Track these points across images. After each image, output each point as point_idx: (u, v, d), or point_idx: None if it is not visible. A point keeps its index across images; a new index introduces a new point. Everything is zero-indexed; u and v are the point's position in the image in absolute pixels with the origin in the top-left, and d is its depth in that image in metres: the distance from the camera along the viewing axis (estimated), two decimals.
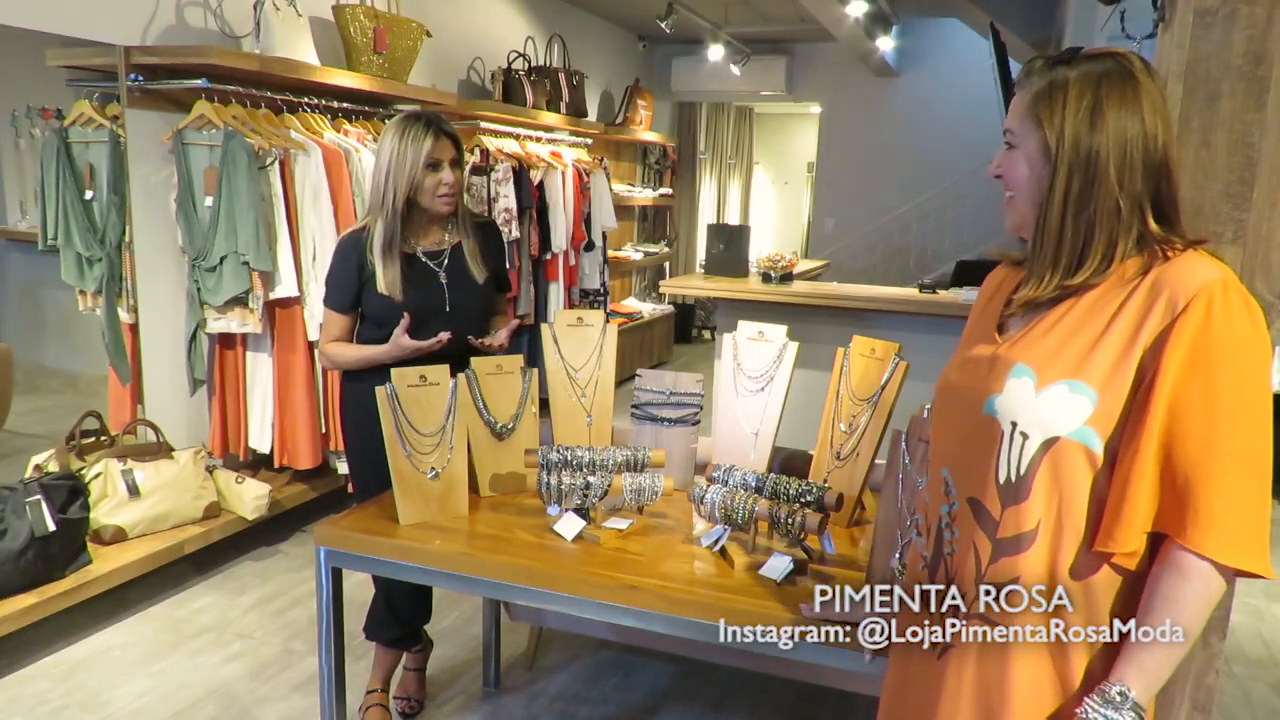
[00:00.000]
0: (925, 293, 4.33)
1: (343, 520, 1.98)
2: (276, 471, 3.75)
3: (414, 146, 2.17)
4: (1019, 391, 1.12)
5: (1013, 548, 1.12)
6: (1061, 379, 1.09)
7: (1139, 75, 1.11)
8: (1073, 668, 1.10)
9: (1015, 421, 1.11)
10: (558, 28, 6.30)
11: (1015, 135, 1.18)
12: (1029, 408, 1.10)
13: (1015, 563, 1.11)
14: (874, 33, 6.75)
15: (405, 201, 2.21)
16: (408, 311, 2.22)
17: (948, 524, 1.20)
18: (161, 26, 3.39)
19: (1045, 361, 1.12)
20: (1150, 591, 1.08)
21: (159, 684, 2.68)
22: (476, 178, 4.72)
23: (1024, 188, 1.18)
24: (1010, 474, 1.11)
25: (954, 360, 1.29)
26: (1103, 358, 1.08)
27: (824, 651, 1.56)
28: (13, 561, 2.67)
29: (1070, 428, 1.08)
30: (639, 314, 7.11)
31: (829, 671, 2.21)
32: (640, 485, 1.96)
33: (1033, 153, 1.15)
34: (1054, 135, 1.12)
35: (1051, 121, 1.12)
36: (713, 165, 9.40)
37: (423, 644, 2.63)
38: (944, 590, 1.19)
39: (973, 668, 1.15)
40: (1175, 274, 1.08)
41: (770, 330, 2.19)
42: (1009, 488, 1.11)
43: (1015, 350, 1.16)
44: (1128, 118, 1.10)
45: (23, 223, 3.52)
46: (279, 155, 3.39)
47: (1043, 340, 1.14)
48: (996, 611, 1.12)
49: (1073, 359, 1.10)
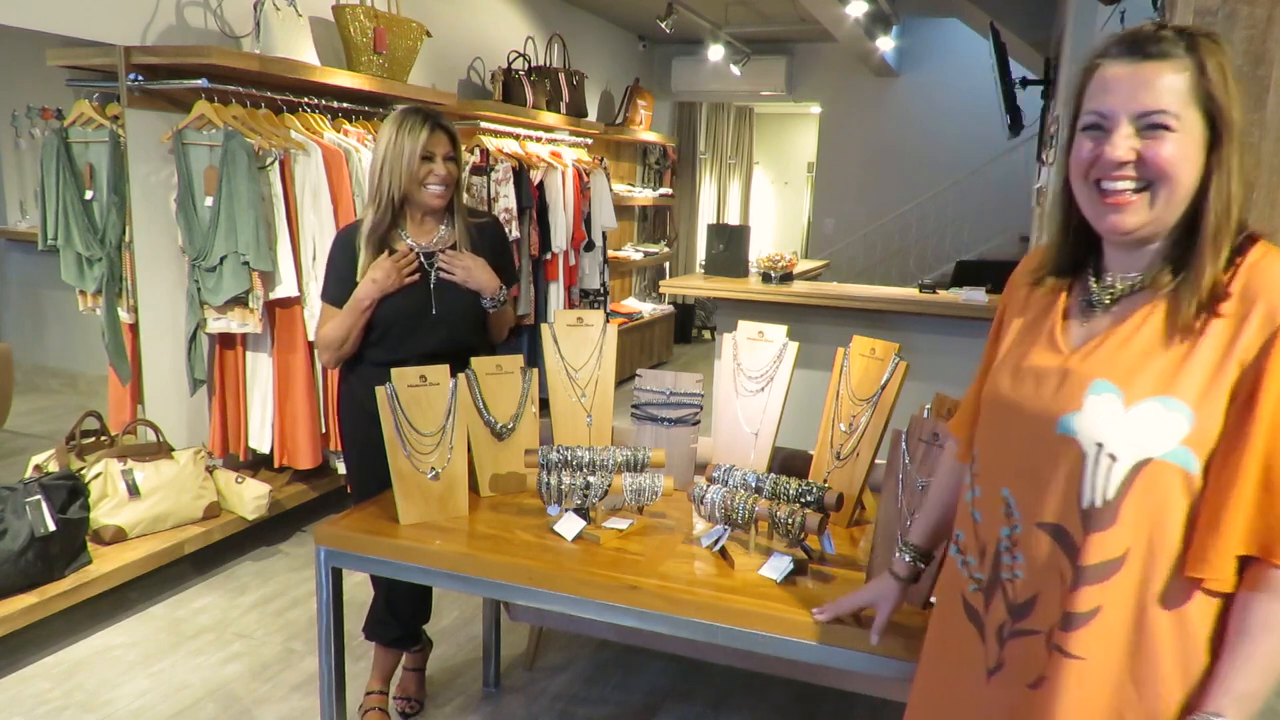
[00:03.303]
0: (925, 293, 4.33)
1: (343, 520, 1.98)
2: (276, 471, 3.75)
3: (410, 138, 2.18)
4: (1103, 409, 1.03)
5: (1097, 575, 1.04)
6: (1152, 395, 1.01)
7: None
8: (1165, 700, 1.04)
9: (1100, 442, 1.02)
10: (558, 28, 6.30)
11: (1176, 117, 1.02)
12: (1117, 427, 1.02)
13: (1099, 591, 1.04)
14: (874, 33, 6.75)
15: (400, 193, 2.22)
16: (391, 310, 2.23)
17: (1008, 547, 1.13)
18: (161, 26, 3.39)
19: (1130, 375, 1.03)
20: (1244, 616, 1.01)
21: (159, 684, 2.68)
22: (476, 178, 4.72)
23: (1186, 177, 1.04)
24: (1096, 498, 1.03)
25: (1001, 367, 1.19)
26: (1196, 372, 1.01)
27: (824, 651, 1.56)
28: (13, 561, 2.67)
29: (1165, 448, 1.00)
30: (639, 314, 7.11)
31: (829, 671, 2.21)
32: (640, 485, 1.96)
33: (1203, 138, 1.03)
34: (1232, 119, 1.02)
35: (1230, 102, 1.02)
36: (713, 165, 9.40)
37: (422, 644, 2.63)
38: (1005, 616, 1.13)
39: (1053, 700, 1.07)
40: (1267, 280, 1.01)
41: (770, 330, 2.19)
42: (1094, 513, 1.03)
43: (1090, 364, 1.07)
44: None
45: (23, 223, 3.52)
46: (279, 155, 3.40)
47: (1122, 352, 1.06)
48: (1078, 642, 1.05)
49: (1163, 373, 1.02)
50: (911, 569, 1.46)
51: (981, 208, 7.85)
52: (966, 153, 7.77)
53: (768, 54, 8.04)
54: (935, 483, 1.47)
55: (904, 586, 1.47)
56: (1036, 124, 5.66)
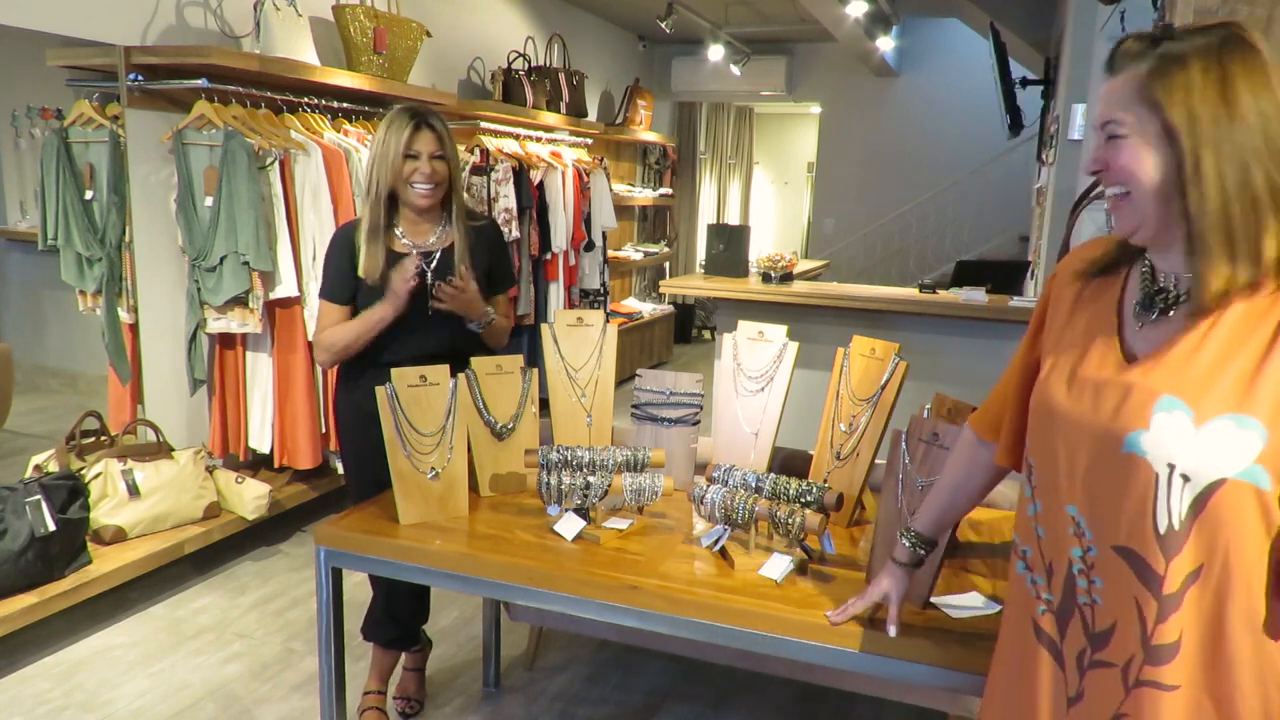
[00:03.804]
0: (925, 293, 4.33)
1: (343, 520, 1.98)
2: (276, 471, 3.75)
3: (395, 136, 2.20)
4: (1172, 428, 0.99)
5: (1177, 603, 1.00)
6: (1225, 413, 0.97)
7: (1259, 46, 1.00)
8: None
9: (1172, 464, 0.98)
10: (558, 28, 6.30)
11: (1123, 123, 1.04)
12: (1188, 447, 0.98)
13: (1179, 619, 1.00)
14: (874, 33, 6.76)
15: (388, 191, 2.23)
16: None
17: (1082, 570, 1.08)
18: (161, 26, 3.39)
19: (1199, 391, 0.99)
20: None
21: (159, 684, 2.68)
22: (476, 178, 4.72)
23: (1146, 179, 1.03)
24: (1172, 522, 0.99)
25: (1055, 373, 1.14)
26: (1269, 385, 0.96)
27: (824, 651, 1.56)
28: (13, 561, 2.67)
29: (1238, 467, 0.96)
30: (639, 314, 7.11)
31: (829, 672, 2.21)
32: (640, 485, 1.96)
33: (1155, 138, 1.02)
34: (1183, 114, 0.99)
35: (1171, 99, 1.00)
36: (713, 165, 9.40)
37: (421, 644, 2.63)
38: (1085, 643, 1.08)
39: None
40: None
41: (770, 330, 2.19)
42: (1171, 537, 0.99)
43: (1155, 377, 1.02)
44: (1262, 89, 0.98)
45: (23, 223, 3.52)
46: (279, 155, 3.40)
47: (1189, 364, 1.01)
48: (1170, 674, 1.01)
49: (1234, 388, 0.97)
50: (913, 555, 1.47)
51: (981, 208, 7.86)
52: (966, 153, 7.77)
53: (768, 54, 8.05)
54: (946, 471, 1.47)
55: (909, 572, 1.48)
56: (1036, 124, 5.66)
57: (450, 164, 2.26)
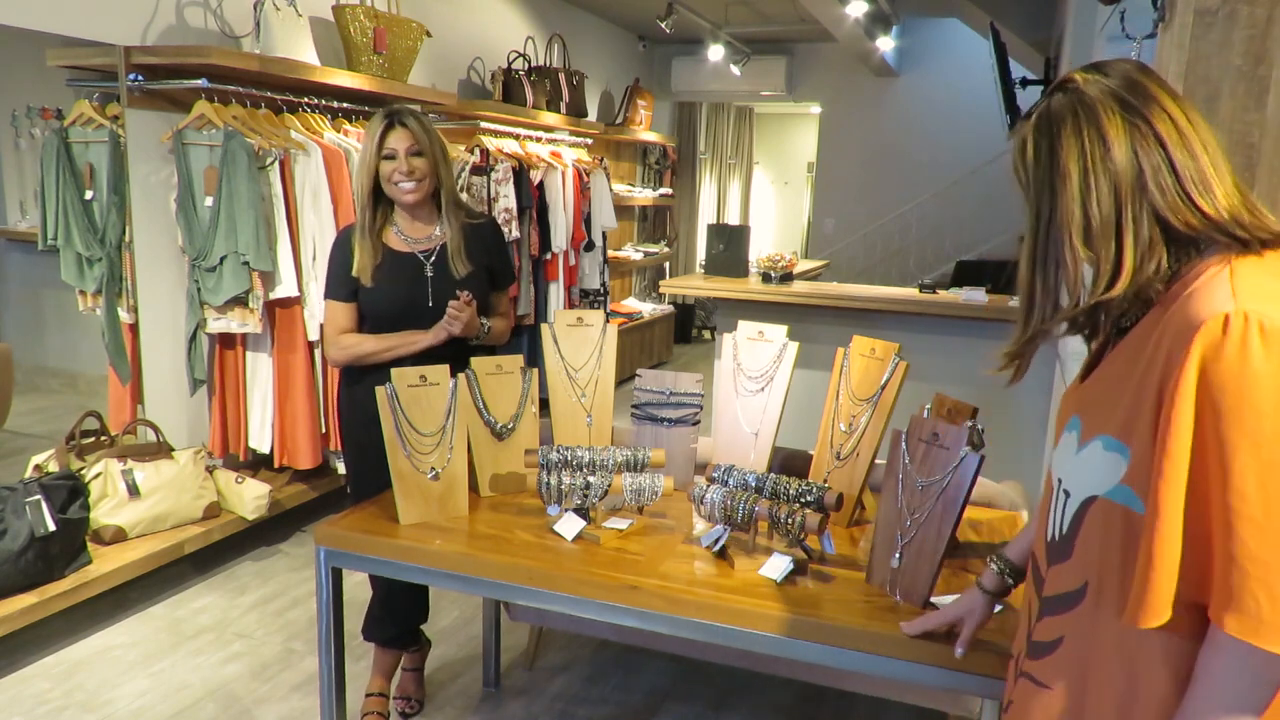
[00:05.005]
0: (925, 293, 4.33)
1: (343, 520, 1.98)
2: (276, 471, 3.75)
3: (370, 138, 2.23)
4: (1066, 446, 1.07)
5: (1057, 607, 1.07)
6: (1099, 434, 1.01)
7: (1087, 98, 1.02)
8: None
9: (1061, 479, 1.07)
10: (558, 28, 6.30)
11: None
12: (1071, 464, 1.05)
13: (1059, 622, 1.06)
14: (874, 33, 6.75)
15: (372, 191, 2.26)
16: (389, 304, 2.27)
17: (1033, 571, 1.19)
18: (161, 26, 3.39)
19: (1090, 413, 1.04)
20: (1198, 663, 0.94)
21: (159, 684, 2.68)
22: (476, 178, 4.72)
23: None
24: (1055, 533, 1.08)
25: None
26: (1130, 406, 0.97)
27: (824, 651, 1.56)
28: (13, 561, 2.67)
29: (1106, 486, 0.99)
30: (639, 314, 7.11)
31: (829, 671, 2.21)
32: (640, 485, 1.96)
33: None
34: (1030, 156, 1.06)
35: (1020, 146, 1.08)
36: (713, 165, 9.40)
37: (420, 644, 2.63)
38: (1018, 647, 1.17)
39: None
40: (1186, 307, 0.93)
41: (770, 330, 2.19)
42: (1054, 546, 1.08)
43: (1073, 400, 1.10)
44: (1089, 143, 1.00)
45: (23, 223, 3.52)
46: (279, 155, 3.39)
47: (1093, 387, 1.06)
48: (1041, 670, 1.08)
49: (1108, 410, 1.01)
50: (1000, 582, 1.42)
51: (981, 208, 7.85)
52: (966, 153, 7.76)
53: (768, 54, 8.04)
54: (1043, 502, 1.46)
55: (991, 600, 1.45)
56: None
57: (431, 159, 2.26)
